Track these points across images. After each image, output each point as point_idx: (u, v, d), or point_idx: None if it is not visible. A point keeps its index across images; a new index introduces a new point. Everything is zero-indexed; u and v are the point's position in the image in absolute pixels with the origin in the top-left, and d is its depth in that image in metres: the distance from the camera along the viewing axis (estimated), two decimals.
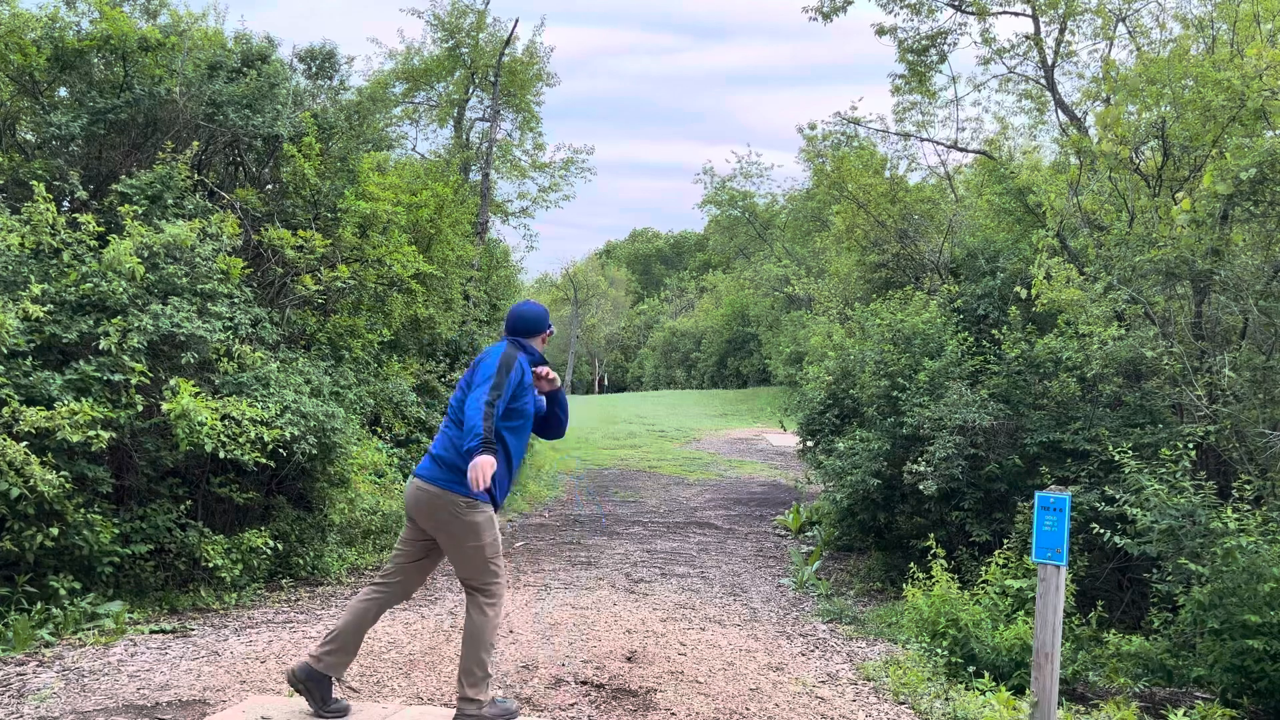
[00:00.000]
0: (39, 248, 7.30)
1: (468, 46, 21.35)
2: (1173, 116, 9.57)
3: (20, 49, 8.53)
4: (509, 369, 4.29)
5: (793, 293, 28.11)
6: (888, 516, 10.53)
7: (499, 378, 4.25)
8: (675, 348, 49.95)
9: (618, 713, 5.13)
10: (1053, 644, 5.52)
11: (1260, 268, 8.82)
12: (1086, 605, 8.05)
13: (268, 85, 9.39)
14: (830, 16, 14.36)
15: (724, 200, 38.65)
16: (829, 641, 7.22)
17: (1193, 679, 7.08)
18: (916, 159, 29.58)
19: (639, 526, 12.51)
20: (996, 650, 6.93)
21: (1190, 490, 7.38)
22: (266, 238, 8.90)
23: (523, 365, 4.41)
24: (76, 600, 6.58)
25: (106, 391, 6.93)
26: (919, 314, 11.40)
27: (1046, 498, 5.74)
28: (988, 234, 13.70)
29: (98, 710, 4.89)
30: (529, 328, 4.60)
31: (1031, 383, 9.67)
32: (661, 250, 69.70)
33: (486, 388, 4.22)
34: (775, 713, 5.24)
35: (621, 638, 6.64)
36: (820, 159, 19.23)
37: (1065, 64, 13.77)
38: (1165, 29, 12.57)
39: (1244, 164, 7.92)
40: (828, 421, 12.16)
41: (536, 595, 8.17)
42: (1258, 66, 8.44)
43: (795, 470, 17.12)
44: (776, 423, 21.22)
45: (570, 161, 24.97)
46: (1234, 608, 6.66)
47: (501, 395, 4.23)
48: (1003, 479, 9.36)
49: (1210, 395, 8.36)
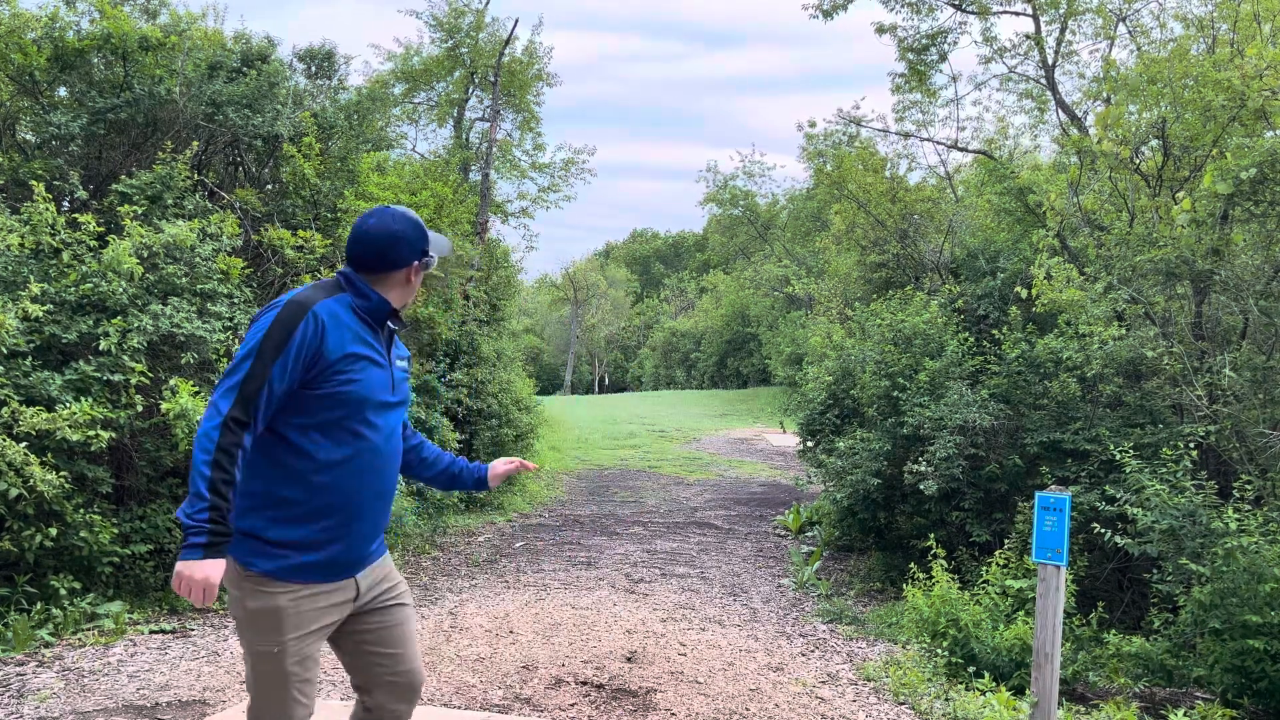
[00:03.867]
0: (39, 248, 7.29)
1: (467, 46, 21.36)
2: (1173, 116, 9.56)
3: (20, 48, 8.53)
4: (285, 329, 2.58)
5: (793, 293, 28.11)
6: (888, 516, 10.52)
7: (251, 355, 2.56)
8: (675, 348, 49.92)
9: (617, 713, 5.12)
10: (1053, 644, 5.51)
11: (1260, 268, 8.81)
12: (1087, 605, 8.04)
13: (267, 85, 9.38)
14: (831, 15, 14.37)
15: (726, 199, 38.65)
16: (829, 642, 7.22)
17: (1193, 679, 7.07)
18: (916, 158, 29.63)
19: (639, 526, 12.50)
20: (996, 650, 6.92)
21: (1191, 490, 7.38)
22: (266, 238, 8.90)
23: (327, 319, 2.65)
24: (76, 600, 6.57)
25: (106, 392, 6.92)
26: (919, 314, 11.39)
27: (1047, 498, 5.74)
28: (988, 234, 13.70)
29: (97, 710, 4.88)
30: (370, 254, 2.79)
31: (1032, 383, 9.67)
32: (661, 250, 69.70)
33: (222, 381, 2.58)
34: (775, 713, 5.24)
35: (621, 638, 6.64)
36: (820, 158, 19.24)
37: (1066, 63, 13.79)
38: (1166, 29, 12.58)
39: (1244, 164, 7.91)
40: (828, 421, 12.16)
41: (536, 595, 8.16)
42: (1258, 66, 8.44)
43: (795, 470, 17.11)
44: (776, 423, 21.22)
45: (570, 162, 25.00)
46: (1235, 608, 6.66)
47: (261, 385, 2.55)
48: (1003, 479, 9.35)
49: (1211, 395, 8.35)
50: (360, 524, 2.78)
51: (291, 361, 2.60)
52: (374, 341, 2.77)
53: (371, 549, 2.87)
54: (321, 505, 2.69)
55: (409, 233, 2.84)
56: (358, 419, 2.72)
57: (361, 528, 2.79)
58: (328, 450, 2.69)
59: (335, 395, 2.66)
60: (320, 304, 2.68)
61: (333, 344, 2.66)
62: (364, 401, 2.72)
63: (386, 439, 2.83)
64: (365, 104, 11.21)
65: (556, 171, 24.68)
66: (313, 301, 2.66)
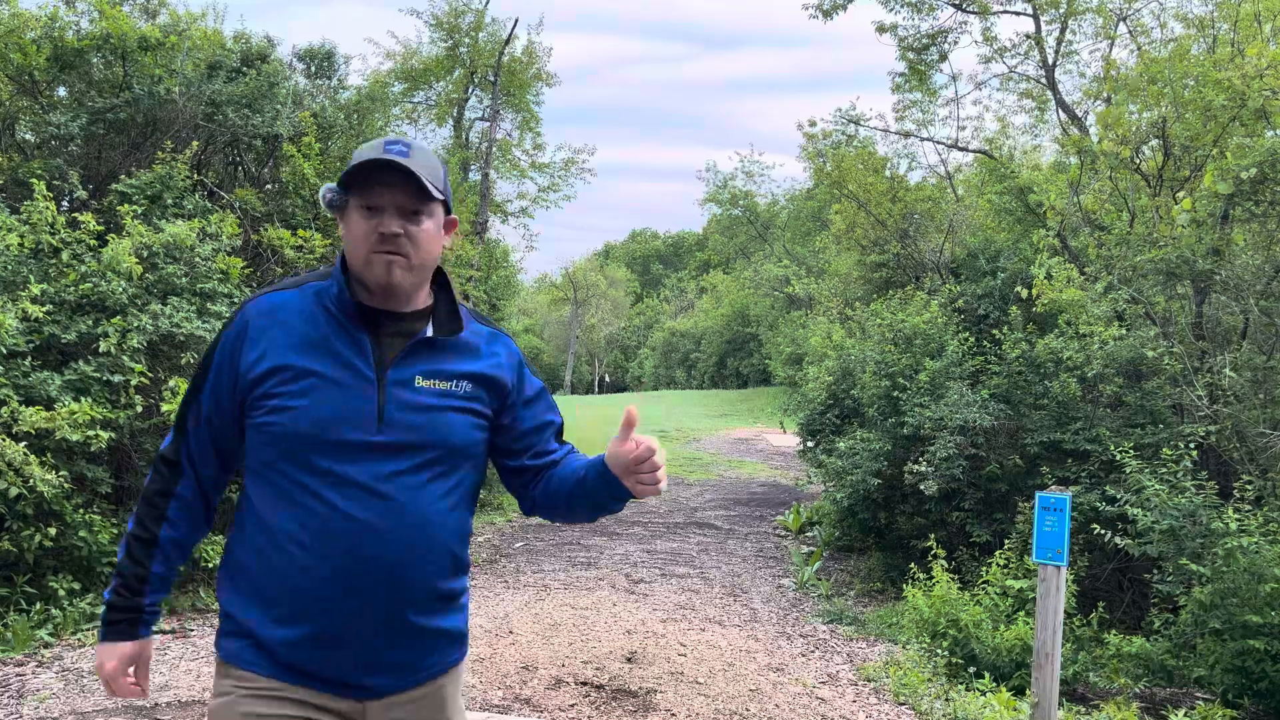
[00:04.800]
0: (38, 247, 7.29)
1: (466, 46, 21.36)
2: (1173, 116, 9.56)
3: (20, 48, 8.52)
4: (215, 340, 1.99)
5: (793, 293, 28.11)
6: (888, 517, 10.52)
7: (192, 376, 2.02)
8: (675, 348, 49.91)
9: (618, 713, 5.12)
10: (1053, 644, 5.51)
11: (1261, 267, 8.81)
12: (1087, 606, 8.04)
13: (267, 85, 9.38)
14: (831, 14, 14.38)
15: (725, 199, 38.63)
16: (829, 642, 7.21)
17: (1193, 680, 7.06)
18: (917, 158, 29.61)
19: (639, 527, 12.49)
20: (997, 651, 6.92)
21: (1191, 490, 7.37)
22: (266, 237, 8.89)
23: (254, 319, 1.94)
24: (76, 600, 6.56)
25: (106, 392, 6.92)
26: (919, 314, 11.39)
27: (1047, 498, 5.73)
28: (988, 233, 13.70)
29: (97, 711, 4.88)
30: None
31: (1032, 383, 9.66)
32: (660, 250, 69.71)
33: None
34: (775, 714, 5.23)
35: (621, 638, 6.63)
36: (820, 158, 19.23)
37: (1066, 63, 13.79)
38: (1166, 28, 12.59)
39: (1245, 164, 7.91)
40: (828, 421, 12.15)
41: (536, 595, 8.16)
42: (1258, 66, 8.43)
43: (795, 470, 17.10)
44: (776, 423, 21.20)
45: (570, 162, 24.97)
46: (1235, 608, 6.66)
47: (188, 415, 1.99)
48: (1003, 479, 9.35)
49: (1211, 395, 8.35)
50: (331, 627, 1.84)
51: (213, 383, 1.94)
52: (344, 348, 1.88)
53: (375, 682, 1.90)
54: (275, 585, 1.87)
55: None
56: (299, 465, 1.84)
57: (340, 640, 1.85)
58: (270, 510, 1.88)
59: (261, 429, 1.87)
60: (263, 298, 1.94)
61: (250, 354, 1.88)
62: (304, 439, 1.83)
63: (370, 503, 1.83)
64: (365, 104, 11.20)
65: (556, 171, 24.65)
66: (256, 296, 1.96)
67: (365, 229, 1.86)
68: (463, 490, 1.98)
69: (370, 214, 1.87)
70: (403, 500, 1.86)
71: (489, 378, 2.01)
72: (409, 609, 1.89)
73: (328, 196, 1.92)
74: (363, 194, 1.87)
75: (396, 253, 1.86)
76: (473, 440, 1.97)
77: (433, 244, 1.93)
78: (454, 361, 1.97)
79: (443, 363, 1.95)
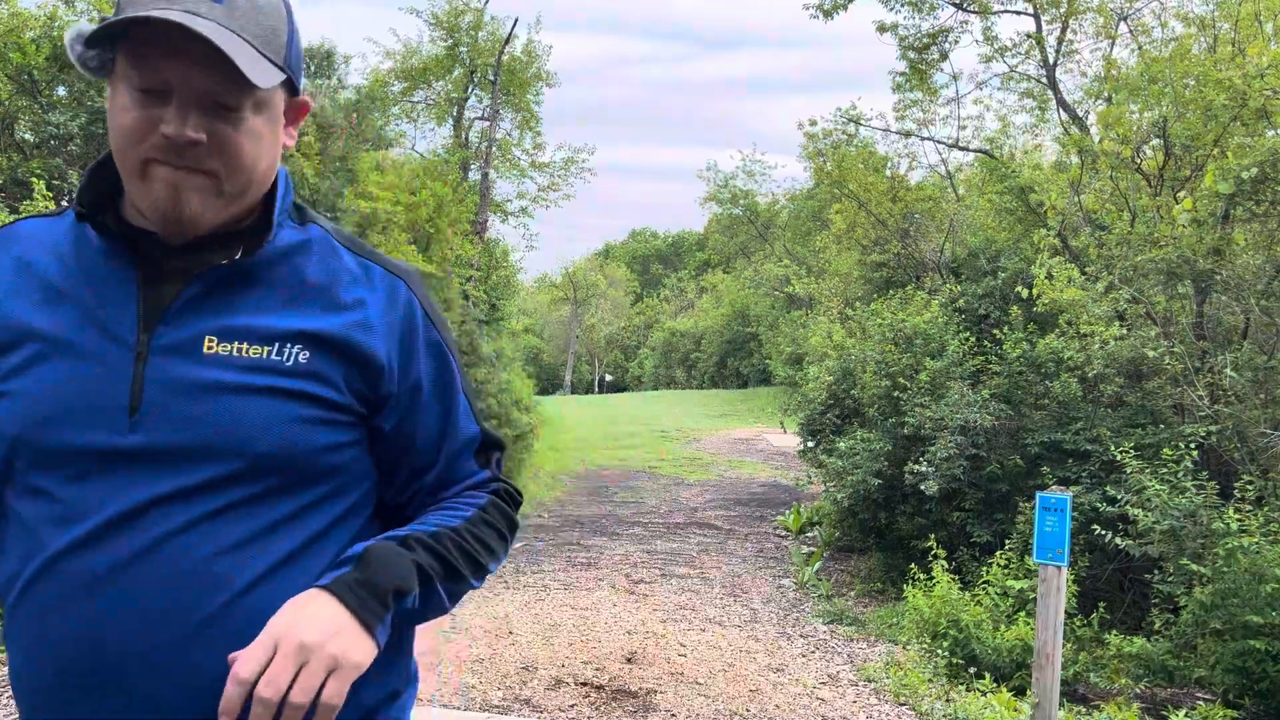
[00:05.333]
0: None
1: (466, 45, 21.36)
2: (1174, 116, 9.55)
3: (19, 48, 8.51)
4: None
5: (793, 292, 28.10)
6: (889, 517, 10.51)
7: None
8: (675, 348, 49.90)
9: (617, 714, 5.11)
10: (1054, 645, 5.49)
11: (1262, 267, 8.80)
12: (1088, 606, 8.03)
13: None
14: (831, 14, 14.37)
15: (726, 198, 38.62)
16: (829, 642, 7.20)
17: (1194, 680, 7.06)
18: (917, 158, 29.61)
19: (639, 527, 12.48)
20: (997, 651, 6.91)
21: (1192, 491, 7.36)
22: None
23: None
24: None
25: None
26: (920, 314, 11.37)
27: (1048, 498, 5.72)
28: (989, 233, 13.68)
29: None
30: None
31: (1033, 383, 9.65)
32: (660, 250, 69.70)
33: None
34: (775, 714, 5.23)
35: (621, 639, 6.63)
36: (821, 158, 19.22)
37: (1067, 63, 13.77)
38: (1167, 28, 12.57)
39: (1245, 163, 7.91)
40: (828, 421, 12.14)
41: (536, 595, 8.15)
42: (1259, 65, 8.42)
43: (795, 470, 17.10)
44: (776, 423, 21.21)
45: (570, 161, 24.97)
46: (1236, 608, 6.65)
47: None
48: (1004, 479, 9.34)
49: (1212, 395, 8.34)
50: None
51: None
52: (92, 295, 1.16)
53: None
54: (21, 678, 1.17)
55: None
56: (18, 490, 1.14)
57: None
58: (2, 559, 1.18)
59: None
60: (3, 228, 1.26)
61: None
62: (17, 446, 1.13)
63: (112, 552, 1.08)
64: (365, 103, 11.20)
65: (556, 171, 24.66)
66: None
67: (139, 121, 1.09)
68: (308, 532, 1.15)
69: (149, 99, 1.08)
70: (168, 550, 1.08)
71: (344, 343, 1.17)
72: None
73: (76, 50, 1.11)
74: (138, 63, 1.08)
75: (196, 169, 1.10)
76: (310, 446, 1.15)
77: (261, 152, 1.15)
78: (278, 313, 1.16)
79: (256, 315, 1.16)
